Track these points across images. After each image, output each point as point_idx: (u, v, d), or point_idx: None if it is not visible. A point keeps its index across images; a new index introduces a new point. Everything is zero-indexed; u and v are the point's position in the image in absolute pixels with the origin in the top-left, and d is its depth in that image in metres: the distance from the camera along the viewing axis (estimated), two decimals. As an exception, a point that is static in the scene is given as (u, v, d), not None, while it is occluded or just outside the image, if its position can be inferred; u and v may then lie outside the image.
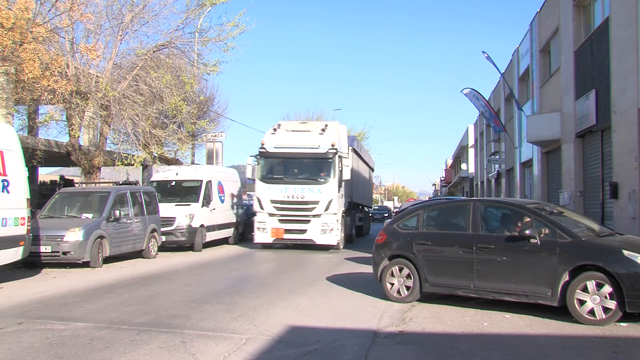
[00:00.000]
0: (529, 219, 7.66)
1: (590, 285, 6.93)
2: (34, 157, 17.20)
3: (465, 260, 7.87)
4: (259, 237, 17.37)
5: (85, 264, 12.60)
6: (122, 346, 5.93)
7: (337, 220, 17.25)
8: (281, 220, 17.09)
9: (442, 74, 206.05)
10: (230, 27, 19.17)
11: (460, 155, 59.57)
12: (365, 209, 27.65)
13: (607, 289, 6.82)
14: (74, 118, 18.01)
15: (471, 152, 48.78)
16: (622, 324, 6.95)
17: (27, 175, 11.13)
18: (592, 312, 6.92)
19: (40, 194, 20.06)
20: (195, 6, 19.46)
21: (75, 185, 21.32)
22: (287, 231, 17.08)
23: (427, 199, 36.66)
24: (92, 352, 5.74)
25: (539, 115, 20.74)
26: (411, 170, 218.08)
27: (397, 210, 34.42)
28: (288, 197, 16.97)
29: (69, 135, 18.73)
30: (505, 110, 30.68)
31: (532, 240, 7.37)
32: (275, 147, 17.44)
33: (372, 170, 30.90)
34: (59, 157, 21.53)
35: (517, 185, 26.99)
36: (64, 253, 12.26)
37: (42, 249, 12.17)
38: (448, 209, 9.54)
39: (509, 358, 5.70)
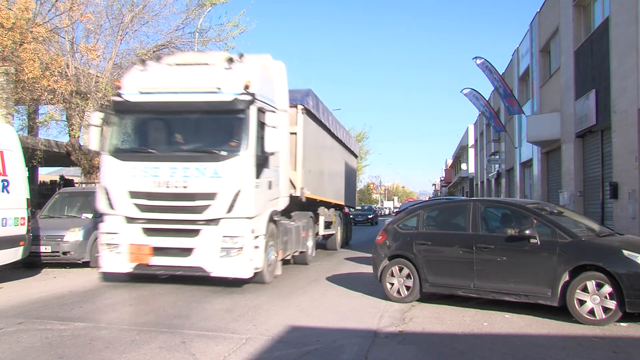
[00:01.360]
0: (529, 219, 7.66)
1: (590, 285, 6.93)
2: (34, 157, 17.21)
3: (465, 260, 7.87)
4: (109, 260, 9.74)
5: (85, 264, 12.58)
6: (122, 346, 5.93)
7: (254, 231, 9.35)
8: (148, 231, 9.50)
9: (442, 74, 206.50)
10: (230, 27, 19.28)
11: (460, 155, 59.60)
12: (346, 209, 19.78)
13: (607, 289, 6.82)
14: (74, 118, 18.05)
15: (471, 152, 48.86)
16: (622, 324, 6.95)
17: (27, 175, 11.13)
18: (592, 312, 6.92)
19: (40, 194, 20.05)
20: (195, 6, 19.55)
21: (75, 185, 21.33)
22: (158, 251, 9.45)
23: (427, 199, 36.68)
24: (92, 352, 5.74)
25: (539, 115, 20.75)
26: (411, 170, 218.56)
27: (397, 210, 34.29)
28: (160, 185, 9.32)
29: (69, 135, 18.77)
30: (505, 110, 30.71)
31: (532, 240, 7.37)
32: (141, 93, 9.83)
33: (355, 156, 22.26)
34: (59, 157, 21.56)
35: (517, 185, 27.01)
36: (64, 253, 12.25)
37: (42, 249, 12.16)
38: (448, 209, 9.53)
39: (509, 358, 5.70)
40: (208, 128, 9.88)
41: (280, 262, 11.09)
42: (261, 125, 9.53)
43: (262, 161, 9.71)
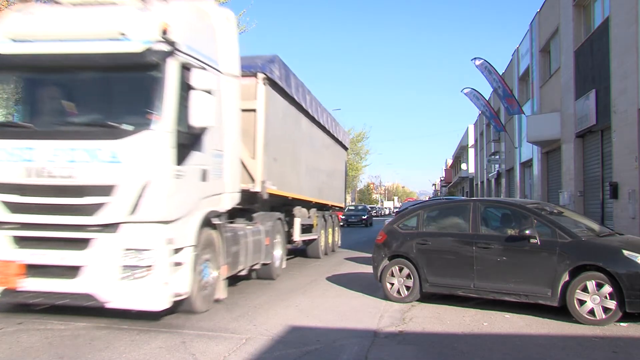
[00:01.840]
0: (529, 219, 7.66)
1: (590, 285, 6.93)
2: (33, 157, 17.17)
3: (465, 260, 7.87)
4: None
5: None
6: (122, 346, 5.93)
7: (173, 240, 6.51)
8: (18, 241, 6.66)
9: (442, 74, 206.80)
10: (230, 27, 19.16)
11: (460, 155, 59.64)
12: (339, 213, 17.50)
13: (607, 289, 6.82)
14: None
15: (471, 152, 48.92)
16: (622, 324, 6.95)
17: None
18: (592, 312, 6.92)
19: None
20: (195, 6, 19.48)
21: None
22: (33, 270, 6.57)
23: (427, 199, 36.70)
24: (92, 352, 5.73)
25: (539, 115, 20.77)
26: (411, 170, 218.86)
27: (397, 210, 34.26)
28: (34, 174, 6.51)
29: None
30: (505, 110, 30.73)
31: (532, 240, 7.37)
32: (13, 41, 6.97)
33: (345, 148, 18.98)
34: (59, 157, 21.50)
35: (517, 185, 27.02)
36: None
37: (42, 249, 12.14)
38: (448, 209, 9.54)
39: (509, 358, 5.70)
40: (107, 91, 7.10)
41: (225, 281, 8.04)
42: (187, 88, 6.70)
43: (189, 140, 6.84)
